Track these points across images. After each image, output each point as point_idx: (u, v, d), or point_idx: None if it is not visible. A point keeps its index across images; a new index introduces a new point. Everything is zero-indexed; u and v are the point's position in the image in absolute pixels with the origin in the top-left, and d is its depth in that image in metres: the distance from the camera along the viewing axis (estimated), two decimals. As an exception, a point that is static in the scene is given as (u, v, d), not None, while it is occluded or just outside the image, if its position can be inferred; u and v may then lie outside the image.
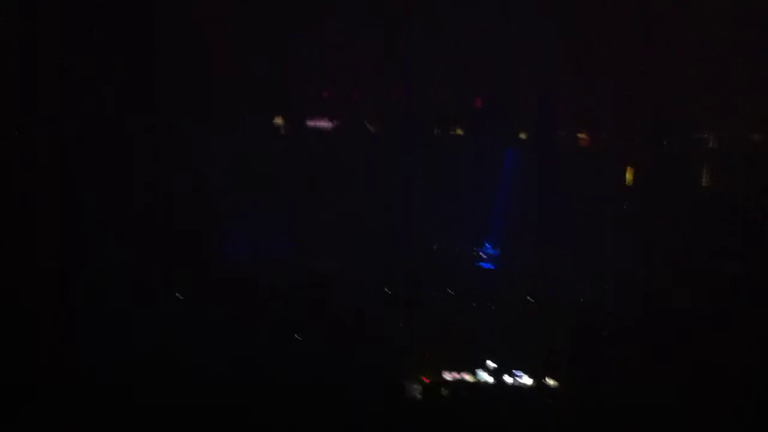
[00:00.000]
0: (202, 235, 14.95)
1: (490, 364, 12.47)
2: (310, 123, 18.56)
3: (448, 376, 12.09)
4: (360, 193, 18.98)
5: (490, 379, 12.14)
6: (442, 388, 11.76)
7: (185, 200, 14.39)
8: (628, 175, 18.86)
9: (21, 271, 9.96)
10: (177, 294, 12.83)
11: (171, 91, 13.58)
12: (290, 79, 17.95)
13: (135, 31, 12.64)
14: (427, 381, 11.78)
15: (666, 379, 11.81)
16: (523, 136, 18.75)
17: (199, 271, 14.10)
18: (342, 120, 18.63)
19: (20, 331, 9.18)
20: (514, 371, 12.32)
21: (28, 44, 10.71)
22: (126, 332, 10.74)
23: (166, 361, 10.25)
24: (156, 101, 13.30)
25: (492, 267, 19.17)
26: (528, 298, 16.19)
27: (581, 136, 18.69)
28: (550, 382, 12.17)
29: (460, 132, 18.80)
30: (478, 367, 12.43)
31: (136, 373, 9.64)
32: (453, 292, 16.85)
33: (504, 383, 12.21)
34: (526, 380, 12.13)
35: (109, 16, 12.16)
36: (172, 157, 14.03)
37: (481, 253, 20.39)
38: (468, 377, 12.18)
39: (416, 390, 11.37)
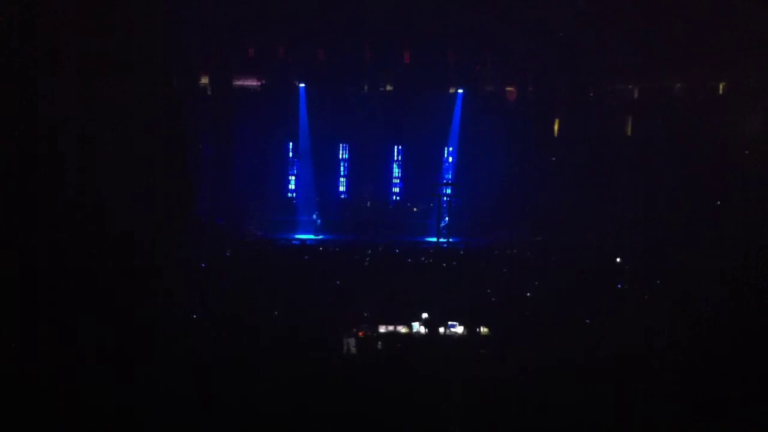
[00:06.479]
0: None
1: (425, 315, 12.59)
2: (237, 82, 18.18)
3: (383, 329, 12.17)
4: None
5: (423, 330, 12.27)
6: (378, 341, 11.83)
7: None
8: (555, 127, 19.20)
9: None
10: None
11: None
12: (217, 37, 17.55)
13: None
14: (361, 335, 11.84)
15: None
16: (452, 91, 18.84)
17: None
18: (269, 78, 18.30)
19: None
20: (448, 322, 12.47)
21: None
22: None
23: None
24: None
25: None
26: (460, 251, 16.42)
27: (509, 89, 18.90)
28: (483, 330, 12.38)
29: (390, 88, 18.75)
30: (412, 320, 12.54)
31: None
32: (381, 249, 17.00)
33: (437, 334, 12.35)
34: (459, 330, 12.30)
35: None
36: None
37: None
38: (402, 329, 12.29)
39: (351, 344, 11.40)
